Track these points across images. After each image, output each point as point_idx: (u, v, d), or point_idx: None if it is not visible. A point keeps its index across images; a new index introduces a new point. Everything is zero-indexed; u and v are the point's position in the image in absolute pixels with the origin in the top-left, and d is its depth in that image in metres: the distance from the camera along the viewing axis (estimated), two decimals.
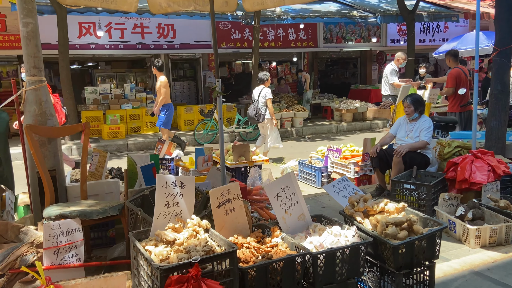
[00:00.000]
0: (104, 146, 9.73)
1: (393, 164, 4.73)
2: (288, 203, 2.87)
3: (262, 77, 7.92)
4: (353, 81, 18.23)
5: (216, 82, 3.23)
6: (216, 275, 2.08)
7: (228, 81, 16.79)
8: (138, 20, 12.86)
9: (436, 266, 3.14)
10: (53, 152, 3.37)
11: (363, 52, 17.43)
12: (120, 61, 15.38)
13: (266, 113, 7.72)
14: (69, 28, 11.17)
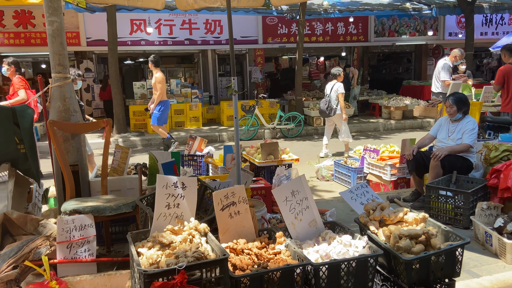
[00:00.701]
0: (148, 139, 10.03)
1: (430, 168, 4.38)
2: (298, 208, 2.73)
3: (335, 72, 8.13)
4: (406, 76, 17.38)
5: (232, 80, 3.15)
6: (205, 283, 2.01)
7: (274, 77, 16.68)
8: (186, 17, 13.13)
9: (462, 282, 2.87)
10: (76, 147, 3.47)
11: (418, 46, 16.53)
12: (170, 57, 15.79)
13: (338, 107, 7.94)
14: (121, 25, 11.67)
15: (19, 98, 6.23)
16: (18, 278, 2.61)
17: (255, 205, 3.28)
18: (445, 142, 4.56)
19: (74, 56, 13.05)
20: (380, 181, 5.52)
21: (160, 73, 8.24)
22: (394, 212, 2.67)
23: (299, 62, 11.74)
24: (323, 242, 2.60)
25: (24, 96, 6.25)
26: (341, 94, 7.93)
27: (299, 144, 10.11)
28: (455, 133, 4.53)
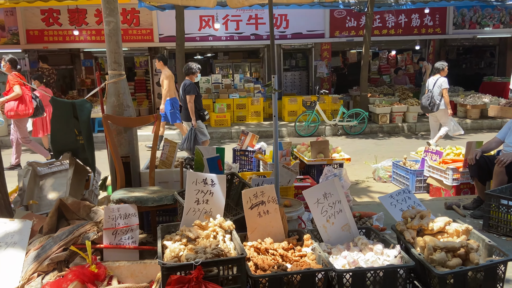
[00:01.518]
0: (210, 133, 10.27)
1: (494, 174, 4.00)
2: (330, 211, 2.66)
3: (438, 66, 7.92)
4: (489, 72, 15.94)
5: (272, 78, 3.13)
6: (222, 280, 2.04)
7: (341, 71, 16.25)
8: (253, 12, 13.26)
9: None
10: (128, 140, 3.70)
11: (503, 39, 15.07)
12: (237, 52, 16.07)
13: (441, 103, 7.75)
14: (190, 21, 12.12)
15: (14, 93, 6.80)
16: (67, 260, 2.86)
17: (292, 204, 3.24)
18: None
19: (147, 52, 13.82)
20: (440, 186, 5.16)
21: (168, 70, 8.26)
22: (434, 221, 2.49)
23: (365, 56, 11.31)
24: (354, 248, 2.51)
25: (19, 91, 6.83)
26: (445, 90, 7.66)
27: (360, 142, 9.78)
28: None
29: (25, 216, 3.18)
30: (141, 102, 13.91)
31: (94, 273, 2.50)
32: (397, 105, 11.14)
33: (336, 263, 2.32)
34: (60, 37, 12.67)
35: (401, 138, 10.19)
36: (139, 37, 13.08)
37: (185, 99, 6.38)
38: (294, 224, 3.19)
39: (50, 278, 2.67)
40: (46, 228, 3.06)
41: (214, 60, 16.24)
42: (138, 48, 13.89)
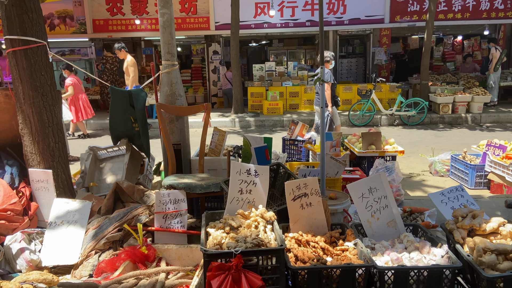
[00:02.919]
0: (262, 121, 10.42)
1: None
2: (376, 206, 2.60)
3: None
4: None
5: (320, 68, 3.08)
6: (261, 269, 2.09)
7: (401, 58, 15.54)
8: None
9: None
10: (179, 128, 3.85)
11: None
12: (291, 39, 15.92)
13: None
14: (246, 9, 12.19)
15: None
16: (122, 240, 3.06)
17: (338, 197, 3.21)
18: None
19: (204, 40, 14.11)
20: (503, 182, 4.82)
21: (131, 58, 8.32)
22: (487, 221, 2.35)
23: (427, 42, 10.72)
24: (399, 245, 2.45)
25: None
26: None
27: (419, 133, 9.35)
28: None
29: (86, 197, 3.43)
30: (197, 89, 14.28)
31: (144, 254, 2.66)
32: (461, 94, 10.48)
33: (379, 260, 2.28)
34: (123, 26, 13.30)
35: (464, 130, 9.60)
36: (196, 25, 13.37)
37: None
38: (339, 217, 3.15)
39: (106, 256, 2.87)
40: (103, 209, 3.28)
41: (269, 48, 16.22)
42: (195, 36, 14.21)
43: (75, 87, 8.70)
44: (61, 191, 3.39)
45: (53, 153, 3.32)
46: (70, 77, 8.82)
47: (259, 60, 16.39)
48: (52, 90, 3.28)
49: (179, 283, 2.32)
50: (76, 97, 8.80)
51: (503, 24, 13.59)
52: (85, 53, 13.85)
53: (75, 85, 8.73)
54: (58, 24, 13.30)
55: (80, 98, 8.87)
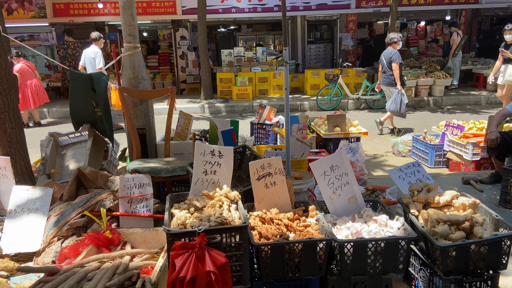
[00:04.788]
0: (231, 106, 10.40)
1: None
2: (337, 183, 2.67)
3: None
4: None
5: (283, 50, 3.10)
6: (225, 247, 2.12)
7: (367, 44, 15.79)
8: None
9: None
10: (144, 112, 3.79)
11: None
12: (260, 24, 15.85)
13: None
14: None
15: None
16: (85, 226, 3.01)
17: (303, 176, 3.27)
18: None
19: (171, 24, 13.82)
20: (460, 160, 5.05)
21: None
22: (441, 195, 2.47)
23: (391, 27, 10.93)
24: (359, 219, 2.54)
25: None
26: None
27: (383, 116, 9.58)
28: None
29: (47, 184, 3.35)
30: (165, 75, 14.03)
31: (108, 238, 2.64)
32: (423, 78, 10.80)
33: (340, 234, 2.36)
34: (85, 10, 12.83)
35: (426, 112, 9.93)
36: (162, 9, 13.06)
37: (389, 66, 7.23)
38: (304, 196, 3.22)
39: (69, 242, 2.83)
40: (66, 195, 3.21)
41: (238, 33, 16.09)
42: (161, 21, 13.89)
43: (22, 73, 8.31)
44: (21, 178, 3.29)
45: (10, 139, 3.20)
46: (20, 62, 8.44)
47: (228, 46, 16.24)
48: (7, 74, 3.15)
49: (143, 264, 2.32)
50: (24, 84, 8.44)
51: (464, 9, 14.03)
52: (46, 38, 13.31)
53: (22, 71, 8.35)
54: (16, 8, 12.67)
55: (29, 85, 8.49)
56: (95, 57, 8.02)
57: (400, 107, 7.09)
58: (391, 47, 7.38)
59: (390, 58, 7.24)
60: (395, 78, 7.19)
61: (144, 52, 15.16)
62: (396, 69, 7.12)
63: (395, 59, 7.19)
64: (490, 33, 16.47)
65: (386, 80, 7.45)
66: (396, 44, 7.32)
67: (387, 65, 7.32)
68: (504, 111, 4.21)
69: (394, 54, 7.23)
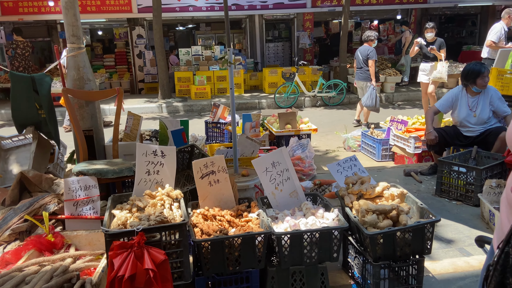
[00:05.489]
0: (190, 105, 10.37)
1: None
2: (279, 179, 2.78)
3: None
4: (470, 41, 16.02)
5: (227, 50, 3.18)
6: (165, 244, 2.17)
7: (324, 42, 16.16)
8: None
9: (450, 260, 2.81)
10: (90, 113, 3.75)
11: (485, 8, 15.06)
12: (219, 22, 15.84)
13: None
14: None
15: None
16: (29, 230, 2.96)
17: (250, 173, 3.37)
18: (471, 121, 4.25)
19: (126, 23, 13.56)
20: (404, 154, 5.33)
21: None
22: (373, 186, 2.63)
23: (344, 26, 11.27)
24: (299, 213, 2.66)
25: None
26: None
27: (338, 113, 9.90)
28: (480, 106, 4.22)
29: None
30: (123, 75, 13.76)
31: (51, 241, 2.62)
32: None
33: (280, 227, 2.46)
34: (36, 8, 12.35)
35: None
36: (116, 7, 12.78)
37: (365, 62, 7.55)
38: (252, 192, 3.32)
39: (11, 247, 2.78)
40: (8, 200, 3.14)
41: (196, 32, 16.02)
42: (116, 19, 13.60)
43: None
44: None
45: None
46: None
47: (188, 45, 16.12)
48: None
49: (85, 266, 2.33)
50: None
51: (414, 8, 14.65)
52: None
53: None
54: None
55: None
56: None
57: (375, 102, 7.42)
58: (367, 44, 7.68)
59: (367, 54, 7.55)
60: (370, 74, 7.55)
61: (100, 51, 14.79)
62: (372, 66, 7.46)
63: (371, 56, 7.51)
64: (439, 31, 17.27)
65: (362, 75, 7.74)
66: (372, 41, 7.62)
67: (363, 61, 7.64)
68: (433, 109, 4.49)
69: (371, 51, 7.53)
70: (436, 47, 7.21)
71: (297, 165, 4.48)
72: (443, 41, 7.40)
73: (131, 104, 10.43)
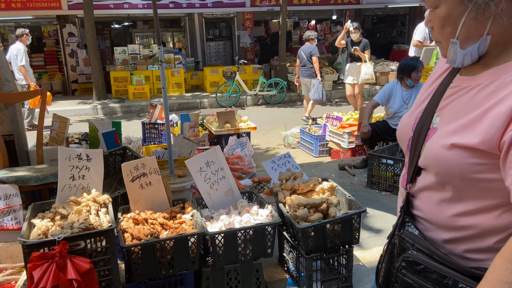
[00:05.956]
0: (127, 106, 10.02)
1: None
2: (214, 178, 2.76)
3: None
4: (400, 40, 16.97)
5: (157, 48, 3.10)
6: (90, 252, 2.06)
7: (264, 41, 16.34)
8: None
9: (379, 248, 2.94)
10: (10, 117, 3.49)
11: (412, 9, 16.03)
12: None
13: None
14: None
15: None
16: None
17: (186, 174, 3.31)
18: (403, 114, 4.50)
19: (56, 20, 12.81)
20: (339, 149, 5.53)
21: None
22: (306, 181, 2.69)
23: (283, 26, 11.48)
24: (235, 211, 2.65)
25: None
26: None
27: (279, 111, 10.07)
28: (412, 99, 4.48)
29: None
30: (53, 75, 12.99)
31: None
32: None
33: (214, 226, 2.44)
34: None
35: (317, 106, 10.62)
36: (45, 4, 12.02)
37: (309, 60, 7.90)
38: (188, 193, 3.27)
39: None
40: None
41: (133, 30, 15.50)
42: (45, 17, 12.81)
43: None
44: None
45: None
46: None
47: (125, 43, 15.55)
48: None
49: (5, 280, 2.16)
50: None
51: (348, 9, 15.25)
52: None
53: None
54: None
55: None
56: (17, 54, 7.76)
57: (322, 96, 7.73)
58: (308, 43, 8.05)
59: (310, 52, 7.91)
60: (315, 70, 7.89)
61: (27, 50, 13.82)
62: (316, 62, 7.85)
63: (315, 53, 7.91)
64: (372, 31, 18.18)
65: (307, 73, 8.08)
66: (312, 40, 8.03)
67: (307, 59, 7.97)
68: (373, 103, 4.71)
69: (314, 49, 7.92)
70: (360, 48, 7.53)
71: (236, 163, 4.48)
72: (367, 42, 7.73)
73: (63, 106, 9.88)
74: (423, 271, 0.99)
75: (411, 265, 1.02)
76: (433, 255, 0.99)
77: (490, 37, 0.94)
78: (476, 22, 0.94)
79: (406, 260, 1.03)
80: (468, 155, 0.92)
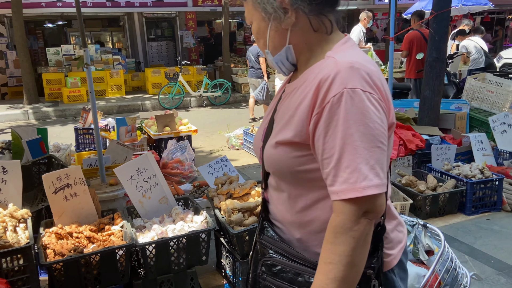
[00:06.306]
0: (62, 110, 9.48)
1: None
2: (146, 186, 2.65)
3: None
4: None
5: (83, 51, 2.93)
6: (7, 272, 1.90)
7: (208, 42, 16.20)
8: None
9: None
10: None
11: (350, 12, 16.62)
12: (94, 20, 14.80)
13: None
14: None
15: None
16: None
17: (119, 182, 3.16)
18: None
19: None
20: None
21: None
22: (241, 185, 2.67)
23: (225, 26, 11.44)
24: (168, 219, 2.57)
25: None
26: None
27: (224, 112, 10.01)
28: None
29: None
30: None
31: None
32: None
33: (146, 236, 2.34)
34: None
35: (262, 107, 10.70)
36: None
37: (256, 61, 7.92)
38: (122, 202, 3.13)
39: None
40: None
41: (68, 29, 14.72)
42: None
43: None
44: None
45: None
46: None
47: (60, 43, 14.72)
48: None
49: None
50: None
51: None
52: None
53: None
54: None
55: None
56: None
57: (264, 96, 7.76)
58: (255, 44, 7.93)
59: (257, 53, 7.91)
60: (262, 71, 7.95)
61: None
62: (263, 63, 7.85)
63: (262, 54, 7.78)
64: None
65: (255, 73, 8.10)
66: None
67: (255, 60, 8.01)
68: None
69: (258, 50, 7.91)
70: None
71: (176, 168, 4.37)
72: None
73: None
74: (279, 272, 1.03)
75: (269, 268, 1.06)
76: (288, 255, 1.03)
77: (293, 46, 1.06)
78: (278, 34, 1.06)
79: (265, 264, 1.07)
80: (290, 149, 1.01)
